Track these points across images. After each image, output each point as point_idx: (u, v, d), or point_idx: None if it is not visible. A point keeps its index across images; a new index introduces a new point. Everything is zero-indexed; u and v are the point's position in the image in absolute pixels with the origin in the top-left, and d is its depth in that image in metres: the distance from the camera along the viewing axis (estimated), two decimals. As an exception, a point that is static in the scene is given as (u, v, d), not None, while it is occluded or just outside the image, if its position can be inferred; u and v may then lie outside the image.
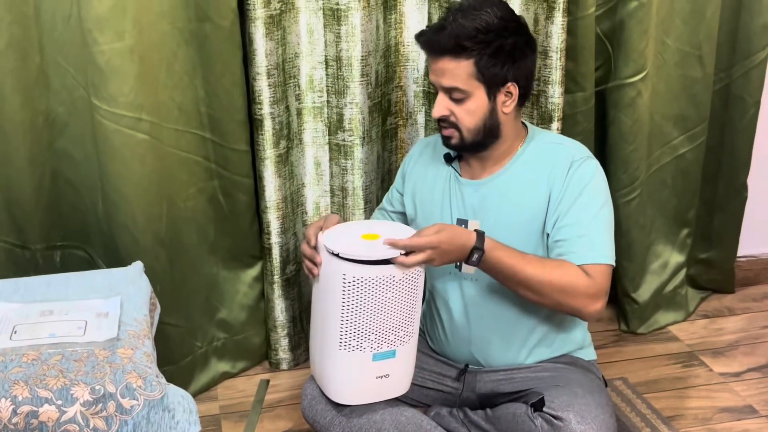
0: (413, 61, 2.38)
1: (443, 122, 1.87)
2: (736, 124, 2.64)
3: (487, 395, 1.97)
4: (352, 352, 1.77)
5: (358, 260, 1.71)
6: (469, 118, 1.84)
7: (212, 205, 2.29)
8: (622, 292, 2.66)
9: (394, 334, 1.79)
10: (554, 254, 1.83)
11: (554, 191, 1.85)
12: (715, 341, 2.64)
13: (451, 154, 1.98)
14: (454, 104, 1.84)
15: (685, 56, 2.47)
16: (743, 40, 2.55)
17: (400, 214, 2.10)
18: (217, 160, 2.25)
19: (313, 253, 1.81)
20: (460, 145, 1.89)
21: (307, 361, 2.47)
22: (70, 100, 2.05)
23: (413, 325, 1.82)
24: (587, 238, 1.80)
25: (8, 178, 2.05)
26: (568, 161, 1.85)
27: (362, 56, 2.23)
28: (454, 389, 2.01)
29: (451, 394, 2.01)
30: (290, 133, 2.32)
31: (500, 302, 1.92)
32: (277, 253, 2.36)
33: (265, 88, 2.19)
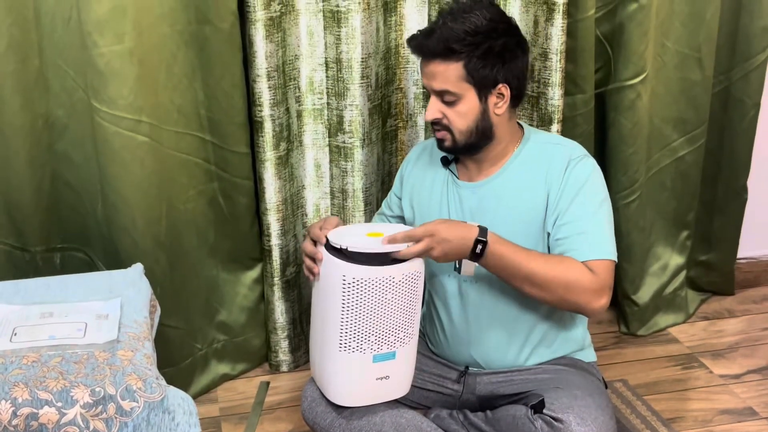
0: (413, 63, 2.38)
1: (436, 125, 1.88)
2: (735, 126, 2.65)
3: (487, 397, 1.97)
4: (352, 353, 1.77)
5: (362, 253, 1.72)
6: (460, 120, 1.84)
7: (212, 207, 2.30)
8: (622, 294, 2.66)
9: (394, 335, 1.79)
10: (556, 252, 1.83)
11: (552, 191, 1.85)
12: (715, 343, 2.64)
13: (448, 157, 1.99)
14: (445, 107, 1.85)
15: (684, 58, 2.47)
16: (743, 42, 2.55)
17: (399, 218, 2.11)
18: (217, 162, 2.25)
19: (314, 250, 1.81)
20: (452, 147, 1.89)
21: (307, 363, 2.47)
22: (69, 102, 2.05)
23: (413, 326, 1.82)
24: (588, 234, 1.80)
25: (8, 180, 2.06)
26: (565, 160, 1.86)
27: (362, 58, 2.23)
28: (454, 391, 2.01)
29: (451, 396, 2.01)
30: (290, 135, 2.32)
31: (499, 304, 1.92)
32: (277, 255, 2.36)
33: (265, 90, 2.20)
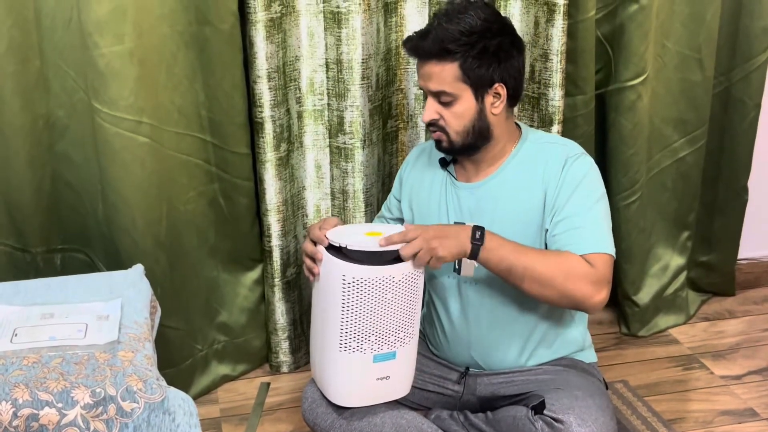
0: (414, 64, 2.38)
1: (433, 126, 1.88)
2: (736, 127, 2.64)
3: (487, 398, 1.97)
4: (352, 353, 1.77)
5: (361, 252, 1.72)
6: (457, 120, 1.84)
7: (212, 208, 2.30)
8: (622, 295, 2.66)
9: (394, 335, 1.79)
10: (553, 248, 1.83)
11: (550, 189, 1.85)
12: (715, 344, 2.63)
13: (446, 158, 1.99)
14: (442, 108, 1.85)
15: (685, 59, 2.47)
16: (743, 43, 2.55)
17: (399, 221, 2.11)
18: (217, 163, 2.25)
19: (314, 250, 1.81)
20: (450, 148, 1.89)
21: (307, 364, 2.47)
22: (70, 103, 2.05)
23: (413, 326, 1.82)
24: (585, 229, 1.81)
25: (8, 181, 2.05)
26: (562, 159, 1.86)
27: (363, 59, 2.23)
28: (454, 392, 2.01)
29: (451, 397, 2.01)
30: (291, 136, 2.32)
31: (499, 305, 1.92)
32: (277, 256, 2.36)
33: (265, 91, 2.20)
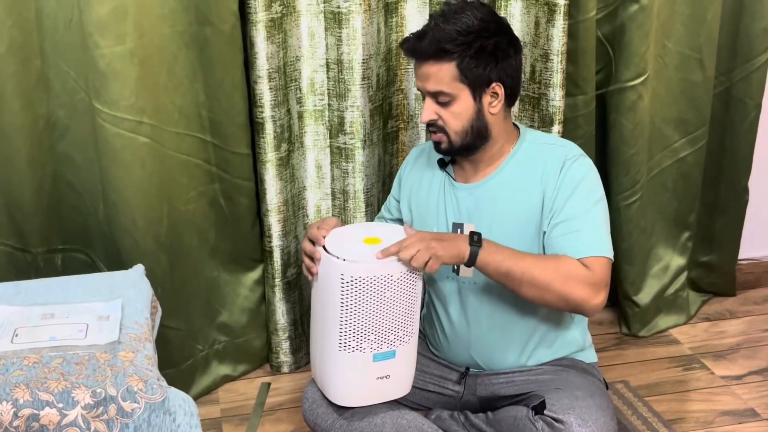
0: (414, 64, 2.38)
1: (432, 127, 1.88)
2: (737, 127, 2.64)
3: (488, 398, 1.97)
4: (352, 353, 1.78)
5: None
6: (456, 120, 1.85)
7: (213, 208, 2.30)
8: (623, 295, 2.66)
9: (393, 334, 1.79)
10: (551, 251, 1.83)
11: (548, 191, 1.85)
12: (716, 344, 2.63)
13: (444, 159, 1.99)
14: (440, 108, 1.85)
15: (685, 59, 2.47)
16: (744, 43, 2.55)
17: (398, 221, 2.11)
18: (218, 163, 2.25)
19: (313, 249, 1.81)
20: (449, 149, 1.89)
21: (308, 364, 2.47)
22: (71, 103, 2.05)
23: (413, 324, 1.82)
24: (582, 232, 1.81)
25: (9, 181, 2.06)
26: (560, 160, 1.86)
27: (363, 59, 2.23)
28: (455, 392, 2.01)
29: (452, 397, 2.01)
30: (291, 136, 2.32)
31: (499, 305, 1.92)
32: (278, 256, 2.36)
33: (266, 91, 2.20)
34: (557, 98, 2.26)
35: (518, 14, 2.27)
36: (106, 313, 1.74)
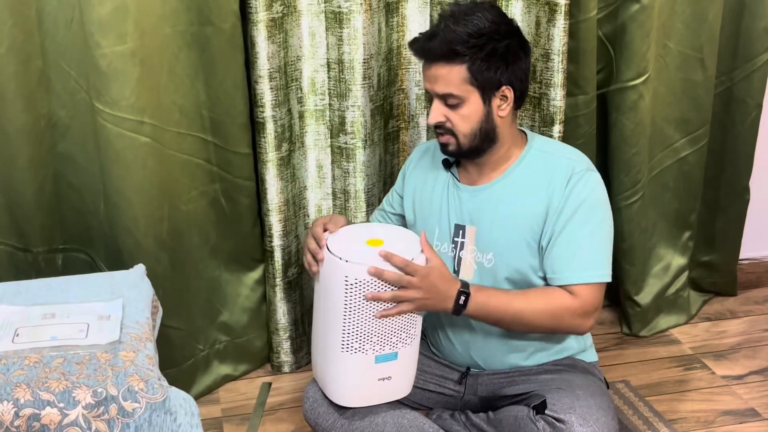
0: (415, 64, 2.38)
1: (440, 128, 1.87)
2: (738, 126, 2.64)
3: (488, 398, 1.97)
4: (354, 354, 1.77)
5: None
6: (464, 123, 1.84)
7: (214, 208, 2.30)
8: (624, 295, 2.66)
9: (396, 336, 1.79)
10: (548, 269, 1.84)
11: (553, 202, 1.84)
12: (717, 344, 2.63)
13: (449, 159, 1.99)
14: (449, 110, 1.84)
15: (686, 59, 2.47)
16: (745, 42, 2.55)
17: (399, 216, 2.10)
18: (219, 163, 2.25)
19: (316, 248, 1.81)
20: (457, 151, 1.88)
21: (308, 363, 2.47)
22: (72, 103, 2.05)
23: (415, 327, 1.82)
24: (578, 258, 1.81)
25: (10, 181, 2.06)
26: (568, 173, 1.85)
27: (364, 59, 2.23)
28: (456, 392, 2.01)
29: (453, 397, 2.01)
30: (292, 136, 2.32)
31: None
32: (279, 256, 2.36)
33: (267, 91, 2.20)
34: (558, 98, 2.26)
35: (519, 14, 2.27)
36: (106, 312, 1.74)
